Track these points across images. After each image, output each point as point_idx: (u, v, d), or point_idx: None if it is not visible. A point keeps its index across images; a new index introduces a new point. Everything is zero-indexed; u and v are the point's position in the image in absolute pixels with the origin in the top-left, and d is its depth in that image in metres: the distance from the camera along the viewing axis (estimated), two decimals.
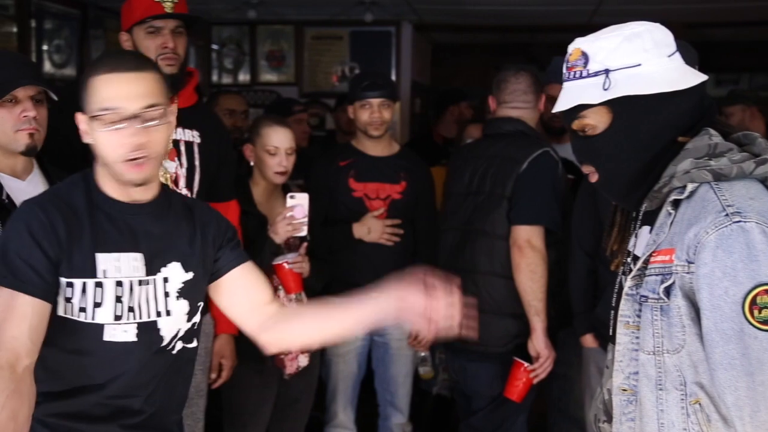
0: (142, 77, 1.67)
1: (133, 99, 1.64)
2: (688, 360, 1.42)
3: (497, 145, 3.05)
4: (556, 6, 5.90)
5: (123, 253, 1.71)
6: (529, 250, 2.87)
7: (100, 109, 1.64)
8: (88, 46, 5.53)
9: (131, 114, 1.64)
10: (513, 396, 2.93)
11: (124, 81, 1.65)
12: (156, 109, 1.66)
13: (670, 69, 1.49)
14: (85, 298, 1.67)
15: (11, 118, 2.10)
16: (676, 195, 1.46)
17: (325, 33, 6.62)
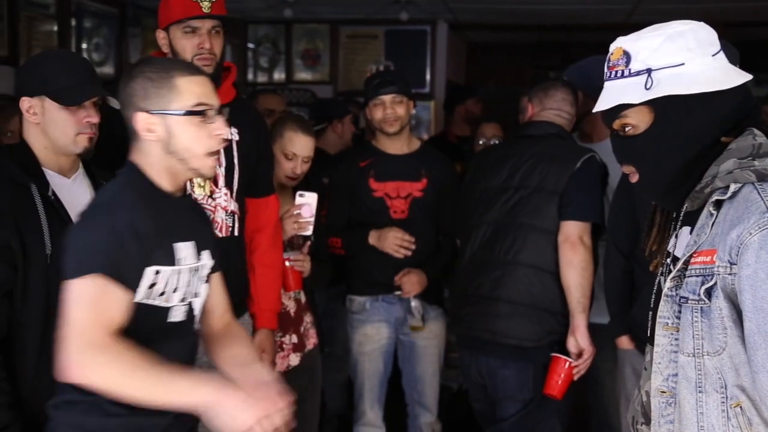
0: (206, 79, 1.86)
1: (215, 97, 1.84)
2: (729, 362, 1.40)
3: (542, 144, 3.05)
4: (593, 5, 5.86)
5: (187, 242, 1.86)
6: (582, 247, 2.88)
7: (196, 104, 1.79)
8: (126, 44, 5.60)
9: (218, 109, 1.83)
10: (554, 392, 2.89)
11: (206, 82, 1.84)
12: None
13: (714, 68, 1.47)
14: (168, 284, 1.80)
15: (74, 122, 2.13)
16: (719, 195, 1.44)
17: (360, 32, 6.64)
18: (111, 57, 5.50)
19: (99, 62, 5.38)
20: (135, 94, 1.80)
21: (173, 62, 1.90)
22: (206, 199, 2.58)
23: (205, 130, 1.80)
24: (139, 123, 1.80)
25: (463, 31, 7.26)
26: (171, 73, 1.80)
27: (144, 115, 1.79)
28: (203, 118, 1.80)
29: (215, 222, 2.59)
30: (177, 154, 1.81)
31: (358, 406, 3.49)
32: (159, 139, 1.80)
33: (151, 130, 1.80)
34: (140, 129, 1.80)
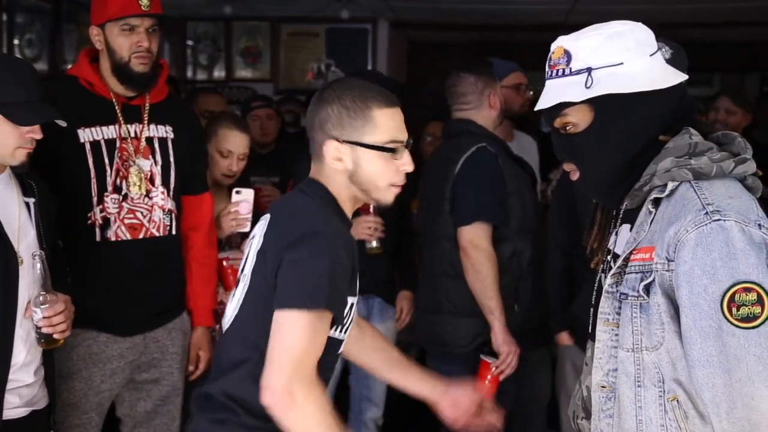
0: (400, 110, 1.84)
1: (405, 131, 1.83)
2: (666, 357, 1.44)
3: (442, 147, 3.14)
4: (532, 5, 5.93)
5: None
6: (472, 250, 2.86)
7: (389, 141, 1.78)
8: (60, 40, 5.46)
9: (406, 145, 1.82)
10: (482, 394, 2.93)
11: (399, 115, 1.82)
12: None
13: (652, 68, 1.50)
14: (350, 316, 1.80)
15: (17, 136, 2.06)
16: (657, 193, 1.47)
17: (301, 30, 6.60)
18: (44, 54, 5.36)
19: (32, 59, 5.24)
20: (328, 120, 1.78)
21: (371, 91, 1.82)
22: (143, 198, 2.55)
23: (392, 165, 1.79)
24: (328, 151, 1.78)
25: (404, 29, 7.27)
26: (369, 104, 1.77)
27: (334, 144, 1.77)
28: (395, 156, 1.79)
29: (152, 221, 2.56)
30: (361, 185, 1.80)
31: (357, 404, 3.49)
32: (345, 169, 1.78)
33: (339, 159, 1.78)
34: (329, 157, 1.78)
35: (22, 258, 2.10)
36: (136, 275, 2.56)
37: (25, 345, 2.12)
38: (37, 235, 2.17)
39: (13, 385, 2.10)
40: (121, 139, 2.53)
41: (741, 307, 1.34)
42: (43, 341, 2.11)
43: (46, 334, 2.09)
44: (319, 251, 1.69)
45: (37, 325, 2.08)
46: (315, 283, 1.67)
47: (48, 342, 2.11)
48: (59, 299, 2.10)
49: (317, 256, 1.68)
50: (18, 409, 2.14)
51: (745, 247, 1.35)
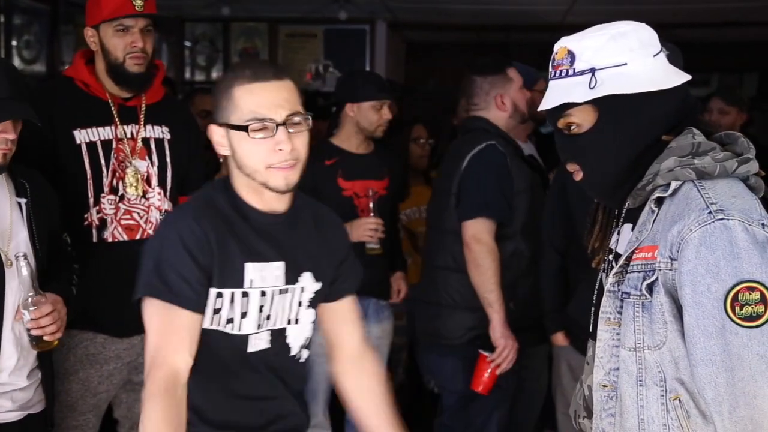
0: (284, 85, 1.71)
1: (279, 107, 1.68)
2: (668, 356, 1.43)
3: (454, 144, 3.16)
4: (530, 5, 5.93)
5: (268, 263, 1.75)
6: (475, 245, 2.89)
7: (249, 119, 1.67)
8: (58, 41, 5.46)
9: (279, 122, 1.68)
10: (478, 388, 2.94)
11: (268, 90, 1.68)
12: (299, 116, 1.70)
13: (655, 68, 1.50)
14: (233, 309, 1.70)
15: None
16: (660, 193, 1.47)
17: (299, 31, 6.60)
18: (43, 55, 5.35)
19: (30, 60, 5.23)
20: (215, 104, 1.74)
21: (243, 68, 1.73)
22: (139, 199, 2.55)
23: (264, 145, 1.68)
24: (211, 135, 1.74)
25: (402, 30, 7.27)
26: (232, 83, 1.70)
27: (214, 128, 1.73)
28: (252, 133, 1.67)
29: (149, 222, 2.55)
30: (243, 169, 1.72)
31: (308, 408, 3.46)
32: (229, 153, 1.72)
33: (219, 143, 1.73)
34: (213, 141, 1.73)
35: (10, 260, 2.07)
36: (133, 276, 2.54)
37: (16, 348, 2.09)
38: (29, 235, 2.14)
39: (5, 389, 2.08)
40: (118, 140, 2.53)
41: (744, 306, 1.34)
42: (34, 343, 2.09)
43: (36, 336, 2.07)
44: (160, 238, 1.70)
45: (27, 328, 2.06)
46: (152, 272, 1.65)
47: (39, 344, 2.09)
48: (47, 300, 2.06)
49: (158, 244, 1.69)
50: (11, 413, 2.11)
51: (749, 246, 1.35)
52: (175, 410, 1.61)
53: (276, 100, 1.68)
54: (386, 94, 3.39)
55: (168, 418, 1.59)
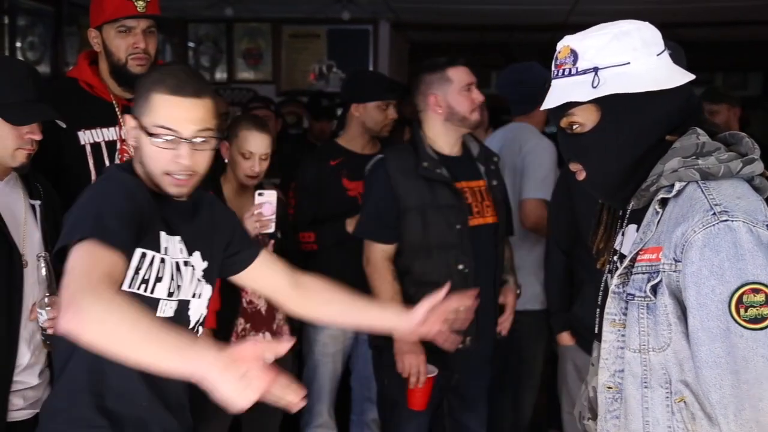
0: (202, 103, 1.76)
1: (190, 123, 1.73)
2: (673, 358, 1.43)
3: None
4: (532, 5, 5.92)
5: (173, 236, 1.80)
6: (366, 266, 2.86)
7: (157, 126, 1.72)
8: (62, 42, 5.46)
9: (185, 138, 1.73)
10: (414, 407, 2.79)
11: (184, 106, 1.73)
12: (207, 133, 1.76)
13: (659, 68, 1.49)
14: (151, 271, 1.74)
15: (16, 137, 2.07)
16: (664, 194, 1.46)
17: (302, 31, 6.60)
18: (47, 56, 5.36)
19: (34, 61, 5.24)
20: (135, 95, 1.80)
21: (164, 75, 1.77)
22: None
23: (167, 154, 1.73)
24: (127, 124, 1.79)
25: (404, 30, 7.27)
26: (153, 87, 1.74)
27: (129, 118, 1.78)
28: (155, 142, 1.73)
29: None
30: (144, 166, 1.77)
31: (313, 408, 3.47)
32: (135, 146, 1.78)
33: (131, 134, 1.78)
34: (127, 128, 1.79)
35: (26, 260, 2.10)
36: None
37: (29, 347, 2.12)
38: (42, 237, 2.17)
39: (17, 387, 2.10)
40: (122, 141, 2.54)
41: (749, 308, 1.33)
42: (48, 343, 2.11)
43: (51, 336, 2.09)
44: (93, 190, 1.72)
45: (42, 327, 2.08)
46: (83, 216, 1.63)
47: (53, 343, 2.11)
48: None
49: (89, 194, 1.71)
50: (22, 411, 2.14)
51: (753, 248, 1.34)
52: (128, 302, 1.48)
53: (188, 117, 1.74)
54: (392, 94, 3.40)
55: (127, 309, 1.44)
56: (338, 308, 2.04)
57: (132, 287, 1.72)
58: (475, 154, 2.93)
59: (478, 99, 2.81)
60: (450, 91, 2.80)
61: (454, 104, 2.80)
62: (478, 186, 2.89)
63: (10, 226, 2.08)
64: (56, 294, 2.08)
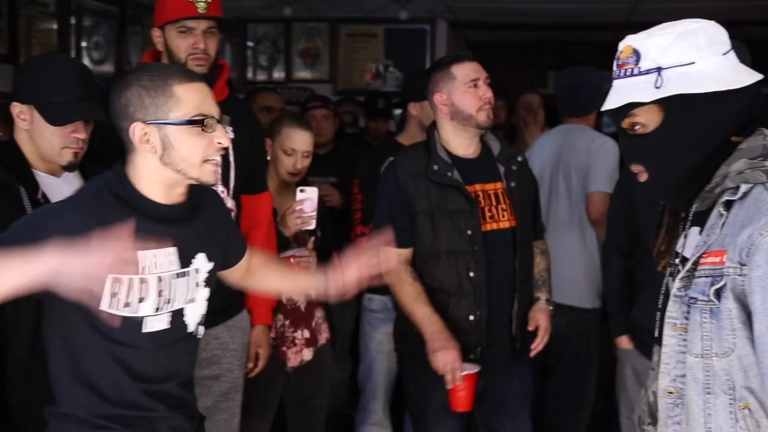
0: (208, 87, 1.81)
1: (215, 105, 1.78)
2: (737, 364, 1.40)
3: None
4: (593, 4, 5.85)
5: (160, 249, 1.77)
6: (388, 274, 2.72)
7: (196, 114, 1.73)
8: (126, 42, 5.58)
9: (217, 118, 1.77)
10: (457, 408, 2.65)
11: (205, 89, 1.77)
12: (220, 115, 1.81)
13: (725, 68, 1.47)
14: (131, 293, 1.73)
15: (61, 136, 2.11)
16: (729, 196, 1.43)
17: (359, 30, 6.62)
18: (111, 55, 5.48)
19: (99, 60, 5.37)
20: (129, 104, 1.73)
21: (170, 69, 1.81)
22: None
23: (204, 140, 1.74)
24: (135, 134, 1.73)
25: (462, 30, 7.24)
26: (168, 81, 1.73)
27: (140, 126, 1.73)
28: (203, 128, 1.74)
29: None
30: (173, 165, 1.75)
31: (368, 405, 3.49)
32: (154, 150, 1.74)
33: (147, 141, 1.74)
34: (136, 140, 1.73)
35: None
36: None
37: None
38: None
39: None
40: None
41: None
42: None
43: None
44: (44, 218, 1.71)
45: None
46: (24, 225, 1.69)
47: None
48: None
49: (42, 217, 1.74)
50: None
51: None
52: None
53: (211, 98, 1.79)
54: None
55: None
56: (272, 281, 2.19)
57: (113, 308, 1.72)
58: (495, 155, 2.78)
59: (485, 96, 2.68)
60: (454, 88, 2.67)
61: (458, 102, 2.66)
62: (494, 188, 2.72)
63: None
64: None
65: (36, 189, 2.08)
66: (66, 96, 2.10)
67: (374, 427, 3.48)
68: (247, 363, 2.80)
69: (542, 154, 3.66)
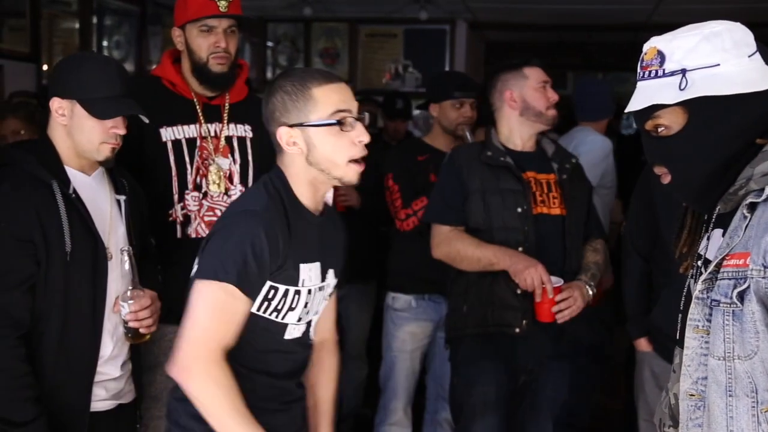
0: None
1: (354, 103, 1.85)
2: (760, 367, 1.38)
3: None
4: (613, 5, 5.82)
5: (314, 263, 1.89)
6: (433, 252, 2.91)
7: (334, 113, 1.80)
8: (146, 42, 5.62)
9: (357, 116, 1.84)
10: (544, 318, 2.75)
11: (343, 88, 1.85)
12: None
13: (750, 69, 1.45)
14: (284, 302, 1.84)
15: (101, 131, 2.13)
16: (753, 198, 1.42)
17: (379, 30, 6.64)
18: (131, 54, 5.53)
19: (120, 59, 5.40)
20: (275, 109, 1.83)
21: (308, 72, 1.88)
22: (222, 196, 2.59)
23: (345, 138, 1.81)
24: (282, 137, 1.83)
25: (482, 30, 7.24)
26: (306, 84, 1.81)
27: (285, 129, 1.82)
28: (343, 127, 1.81)
29: None
30: (318, 165, 1.83)
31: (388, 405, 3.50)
32: (301, 151, 1.83)
33: (293, 143, 1.83)
34: (283, 143, 1.84)
35: (111, 253, 2.15)
36: None
37: (112, 339, 2.17)
38: (126, 231, 2.22)
39: (99, 378, 2.15)
40: (202, 138, 2.58)
41: None
42: (130, 336, 2.16)
43: (133, 329, 2.14)
44: (238, 227, 1.76)
45: (125, 320, 2.14)
46: (221, 257, 1.74)
47: (135, 336, 2.17)
48: (146, 294, 2.15)
49: (229, 233, 1.76)
50: (105, 401, 2.19)
51: None
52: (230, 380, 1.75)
53: (351, 96, 1.85)
54: (464, 92, 3.40)
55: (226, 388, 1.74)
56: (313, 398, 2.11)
57: (261, 312, 1.82)
58: (549, 154, 2.95)
59: (552, 97, 2.88)
60: (526, 87, 2.87)
61: (530, 100, 2.86)
62: (546, 178, 2.89)
63: (96, 219, 2.13)
64: (138, 287, 2.14)
65: (68, 184, 2.10)
66: (109, 92, 2.13)
67: (394, 427, 3.48)
68: None
69: None
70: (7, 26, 4.55)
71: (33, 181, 2.06)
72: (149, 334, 2.19)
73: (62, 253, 2.04)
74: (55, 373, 2.06)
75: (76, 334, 2.08)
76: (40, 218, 2.02)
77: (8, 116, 3.29)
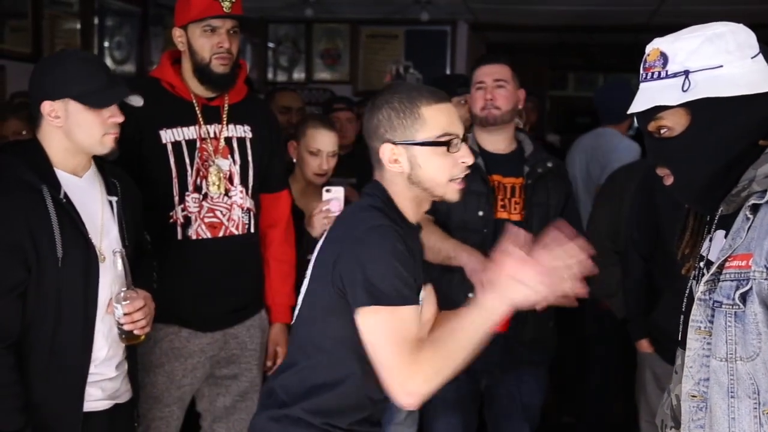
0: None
1: (460, 125, 1.84)
2: (762, 368, 1.39)
3: None
4: (614, 6, 5.82)
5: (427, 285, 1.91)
6: None
7: (442, 135, 1.79)
8: (148, 42, 5.63)
9: (461, 137, 1.83)
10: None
11: (451, 109, 1.84)
12: None
13: (753, 71, 1.45)
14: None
15: (100, 122, 2.11)
16: (756, 199, 1.42)
17: (380, 32, 6.64)
18: (133, 55, 5.53)
19: (121, 60, 5.41)
20: (380, 125, 1.81)
21: (417, 90, 1.85)
22: (222, 197, 2.59)
23: (450, 159, 1.80)
24: (384, 154, 1.81)
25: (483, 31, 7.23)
26: (416, 103, 1.79)
27: (389, 147, 1.80)
28: (450, 148, 1.79)
29: (231, 220, 2.60)
30: (421, 184, 1.81)
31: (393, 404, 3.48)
32: (403, 170, 1.81)
33: (396, 161, 1.81)
34: (386, 160, 1.81)
35: (103, 255, 2.14)
36: (216, 273, 2.60)
37: (106, 340, 2.16)
38: (119, 232, 2.21)
39: (95, 378, 2.15)
40: (201, 140, 2.58)
41: None
42: (124, 337, 2.16)
43: (127, 330, 2.14)
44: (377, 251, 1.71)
45: (119, 322, 2.13)
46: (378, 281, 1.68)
47: (129, 338, 2.16)
48: (139, 296, 2.14)
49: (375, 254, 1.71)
50: (101, 401, 2.19)
51: None
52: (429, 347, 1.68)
53: (457, 118, 1.83)
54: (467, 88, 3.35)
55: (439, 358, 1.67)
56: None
57: None
58: (526, 155, 2.91)
59: (488, 97, 2.84)
60: (472, 90, 2.92)
61: (471, 103, 2.92)
62: (512, 182, 2.86)
63: (87, 221, 2.11)
64: (131, 288, 2.13)
65: (58, 189, 2.08)
66: (99, 82, 2.12)
67: (399, 426, 3.47)
68: (266, 361, 2.81)
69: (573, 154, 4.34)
70: (8, 27, 4.55)
71: (22, 186, 2.04)
72: (144, 336, 2.18)
73: (54, 258, 2.03)
74: (47, 376, 2.05)
75: (67, 339, 2.07)
76: (29, 224, 2.00)
77: (10, 117, 3.29)
